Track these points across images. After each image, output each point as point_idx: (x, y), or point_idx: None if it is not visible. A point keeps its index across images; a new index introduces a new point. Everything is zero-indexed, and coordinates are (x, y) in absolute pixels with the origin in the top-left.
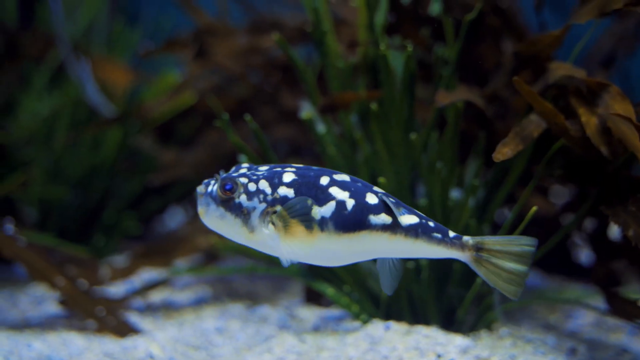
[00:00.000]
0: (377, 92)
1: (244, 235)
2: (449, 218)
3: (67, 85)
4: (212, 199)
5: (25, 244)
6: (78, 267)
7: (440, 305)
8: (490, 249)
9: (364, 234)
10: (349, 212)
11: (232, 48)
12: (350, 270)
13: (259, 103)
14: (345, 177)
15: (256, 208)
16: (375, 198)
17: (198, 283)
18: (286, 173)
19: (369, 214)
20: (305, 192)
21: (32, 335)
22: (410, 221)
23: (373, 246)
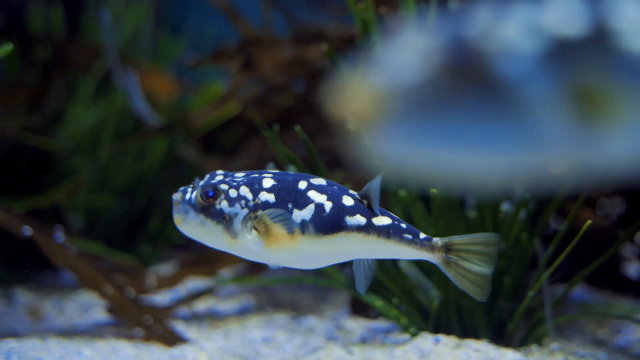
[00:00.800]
0: None
1: (226, 242)
2: (500, 231)
3: (113, 95)
4: (191, 207)
5: (75, 252)
6: (125, 275)
7: (490, 319)
8: (458, 249)
9: (341, 235)
10: (327, 214)
11: (277, 59)
12: (398, 282)
13: (301, 113)
14: (322, 181)
15: (238, 214)
16: (350, 200)
17: (242, 292)
18: (265, 179)
19: (345, 215)
20: (286, 197)
21: (81, 342)
22: (383, 222)
23: (350, 247)
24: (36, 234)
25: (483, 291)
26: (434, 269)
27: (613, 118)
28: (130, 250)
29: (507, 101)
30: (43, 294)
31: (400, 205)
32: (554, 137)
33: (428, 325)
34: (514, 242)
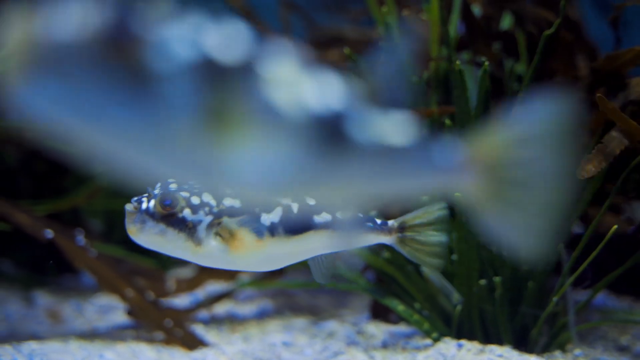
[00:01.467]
0: (451, 107)
1: (189, 250)
2: None
3: None
4: (149, 216)
5: (95, 255)
6: (145, 278)
7: (513, 325)
8: (412, 225)
9: (310, 234)
10: (295, 215)
11: None
12: (420, 286)
13: None
14: None
15: (202, 221)
16: (312, 199)
17: (260, 296)
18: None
19: (312, 214)
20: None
21: (102, 345)
22: (345, 216)
23: (317, 244)
24: (58, 236)
25: (440, 260)
26: (455, 273)
27: (236, 141)
28: (149, 253)
29: (148, 93)
30: (62, 296)
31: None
32: (182, 143)
33: (450, 331)
34: None
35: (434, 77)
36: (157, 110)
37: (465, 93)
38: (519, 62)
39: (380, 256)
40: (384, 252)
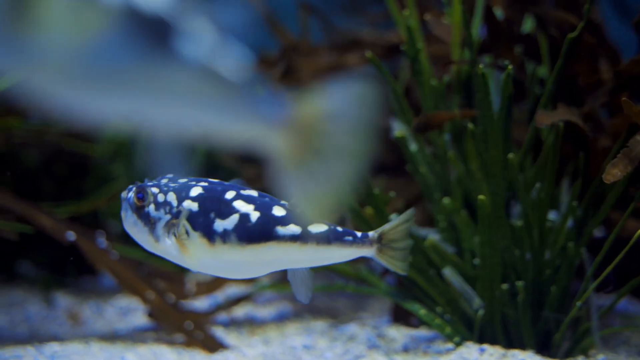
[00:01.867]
0: (472, 111)
1: (151, 244)
2: (546, 240)
3: None
4: (129, 205)
5: (117, 257)
6: (165, 280)
7: (536, 329)
8: (388, 236)
9: (270, 245)
10: (253, 224)
11: (316, 66)
12: (442, 290)
13: None
14: (252, 193)
15: (161, 219)
16: (282, 210)
17: (279, 299)
18: (195, 187)
19: (275, 225)
20: (209, 206)
21: (123, 347)
22: (320, 229)
23: (284, 256)
24: (80, 239)
25: (405, 263)
26: (477, 277)
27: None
28: None
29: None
30: (82, 298)
31: (444, 214)
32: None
33: (472, 335)
34: (561, 251)
35: (456, 81)
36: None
37: (488, 97)
38: (540, 65)
39: None
40: None
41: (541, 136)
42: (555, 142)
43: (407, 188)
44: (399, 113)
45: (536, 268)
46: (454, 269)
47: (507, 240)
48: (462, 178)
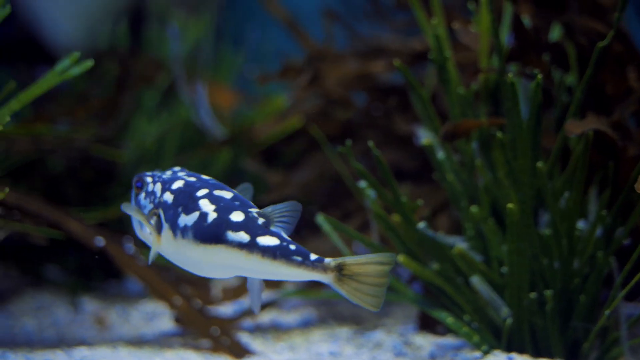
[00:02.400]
0: (500, 119)
1: (137, 230)
2: (575, 249)
3: (176, 107)
4: (135, 192)
5: (144, 263)
6: (191, 286)
7: (565, 338)
8: (352, 270)
9: (220, 248)
10: (207, 224)
11: (341, 73)
12: (470, 299)
13: (362, 126)
14: (225, 194)
15: (146, 207)
16: (241, 216)
17: (304, 305)
18: (178, 180)
19: (227, 230)
20: (180, 200)
21: (151, 352)
22: (269, 242)
23: (232, 262)
24: (108, 244)
25: (378, 300)
26: (505, 285)
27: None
28: None
29: None
30: (108, 302)
31: (471, 222)
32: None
33: (500, 344)
34: (589, 260)
35: (483, 89)
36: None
37: (517, 105)
38: (568, 73)
39: (429, 268)
40: (433, 264)
41: (569, 144)
42: (584, 151)
43: (432, 195)
44: (426, 121)
45: (565, 277)
46: (481, 277)
47: (535, 248)
48: (489, 186)
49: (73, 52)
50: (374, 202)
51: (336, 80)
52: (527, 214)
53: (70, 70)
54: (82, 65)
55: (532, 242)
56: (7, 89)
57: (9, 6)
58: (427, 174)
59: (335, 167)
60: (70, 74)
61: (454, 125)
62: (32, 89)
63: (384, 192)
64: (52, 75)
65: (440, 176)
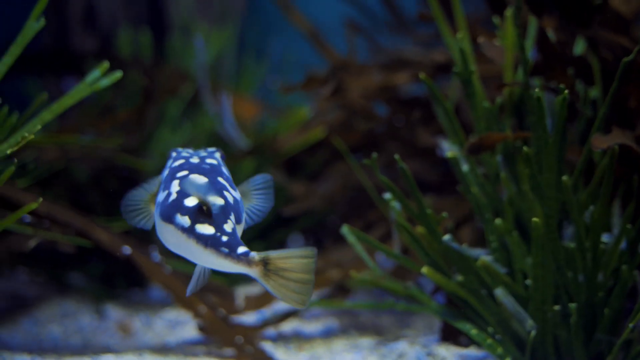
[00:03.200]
0: (526, 133)
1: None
2: (599, 262)
3: (199, 118)
4: None
5: (170, 271)
6: (215, 294)
7: (588, 351)
8: (276, 264)
9: (170, 228)
10: (167, 204)
11: (365, 85)
12: (494, 311)
13: (385, 138)
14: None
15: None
16: (193, 201)
17: (325, 315)
18: (181, 159)
19: (177, 212)
20: (167, 178)
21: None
22: (204, 231)
23: (179, 244)
24: (135, 253)
25: (304, 297)
26: (529, 298)
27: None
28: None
29: None
30: (132, 310)
31: (495, 234)
32: None
33: (524, 356)
34: (613, 273)
35: (508, 102)
36: None
37: (542, 119)
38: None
39: (452, 279)
40: (457, 276)
41: (593, 157)
42: (610, 165)
43: (455, 207)
44: (451, 134)
45: (589, 290)
46: (505, 290)
47: (560, 261)
48: (513, 199)
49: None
50: (399, 214)
51: (359, 92)
52: (552, 227)
53: (100, 82)
54: (111, 76)
55: (557, 255)
56: (38, 101)
57: (43, 19)
58: (450, 185)
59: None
60: (99, 86)
61: (480, 138)
62: (64, 99)
63: (409, 205)
64: (83, 86)
65: (464, 189)
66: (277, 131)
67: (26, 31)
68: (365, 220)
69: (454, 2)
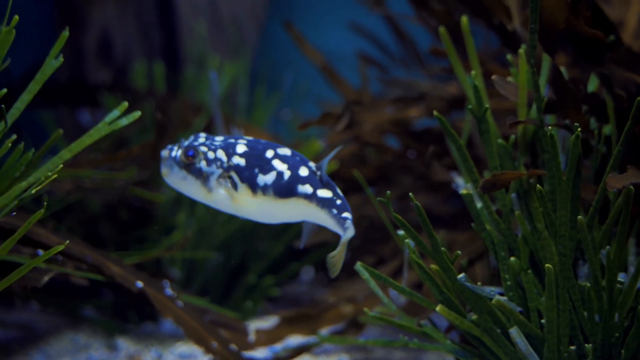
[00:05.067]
0: (539, 171)
1: (203, 195)
2: (616, 302)
3: None
4: (175, 163)
5: (182, 306)
6: (227, 329)
7: None
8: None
9: (293, 200)
10: (284, 181)
11: (378, 119)
12: (508, 350)
13: (397, 171)
14: (287, 152)
15: (214, 173)
16: (306, 171)
17: (337, 350)
18: (239, 145)
19: (298, 184)
20: (254, 162)
21: None
22: (324, 195)
23: (297, 210)
24: (147, 287)
25: None
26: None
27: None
28: (227, 303)
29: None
30: (144, 344)
31: (509, 273)
32: None
33: None
34: (630, 313)
35: (522, 140)
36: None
37: (557, 158)
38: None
39: (467, 318)
40: (471, 314)
41: (609, 195)
42: (626, 205)
43: (468, 243)
44: (464, 171)
45: (605, 330)
46: (520, 329)
47: (576, 301)
48: (528, 237)
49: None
50: (413, 251)
51: (372, 125)
52: (566, 266)
53: (119, 121)
54: (131, 116)
55: (572, 295)
56: (54, 136)
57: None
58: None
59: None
60: (119, 125)
61: (494, 176)
62: (84, 138)
63: (423, 242)
64: (102, 126)
65: (478, 227)
66: None
67: (45, 69)
68: (377, 255)
69: (466, 39)
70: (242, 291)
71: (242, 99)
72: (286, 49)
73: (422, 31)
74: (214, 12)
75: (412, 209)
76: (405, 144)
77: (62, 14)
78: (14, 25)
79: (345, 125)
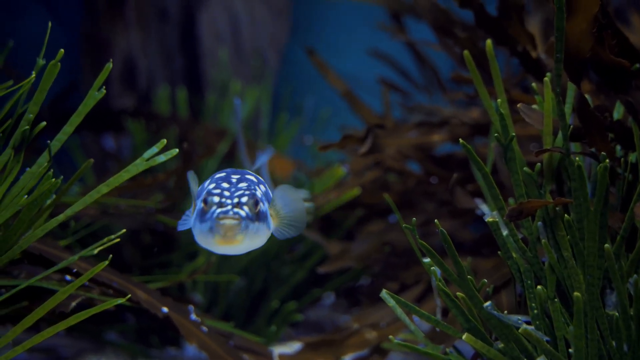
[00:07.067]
0: (566, 199)
1: (267, 235)
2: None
3: None
4: (249, 220)
5: (206, 331)
6: (250, 354)
7: None
8: None
9: None
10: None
11: (401, 143)
12: None
13: (420, 196)
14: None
15: (266, 209)
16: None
17: None
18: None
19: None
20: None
21: None
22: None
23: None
24: (172, 313)
25: None
26: None
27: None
28: (249, 328)
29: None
30: None
31: (536, 301)
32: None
33: None
34: None
35: (547, 168)
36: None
37: (584, 187)
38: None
39: (494, 347)
40: (498, 343)
41: (636, 224)
42: None
43: (494, 270)
44: (490, 198)
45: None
46: (547, 358)
47: (604, 331)
48: (555, 265)
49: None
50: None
51: (394, 150)
52: (594, 296)
53: (157, 158)
54: (168, 153)
55: (600, 324)
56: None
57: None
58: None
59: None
60: (157, 161)
61: (520, 204)
62: (121, 174)
63: (449, 270)
64: (140, 161)
65: (505, 255)
66: (312, 189)
67: (88, 100)
68: (399, 281)
69: (491, 63)
70: (264, 316)
71: (264, 125)
72: (308, 74)
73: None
74: (236, 39)
75: (434, 235)
76: (427, 169)
77: (87, 42)
78: (59, 58)
79: (369, 148)
